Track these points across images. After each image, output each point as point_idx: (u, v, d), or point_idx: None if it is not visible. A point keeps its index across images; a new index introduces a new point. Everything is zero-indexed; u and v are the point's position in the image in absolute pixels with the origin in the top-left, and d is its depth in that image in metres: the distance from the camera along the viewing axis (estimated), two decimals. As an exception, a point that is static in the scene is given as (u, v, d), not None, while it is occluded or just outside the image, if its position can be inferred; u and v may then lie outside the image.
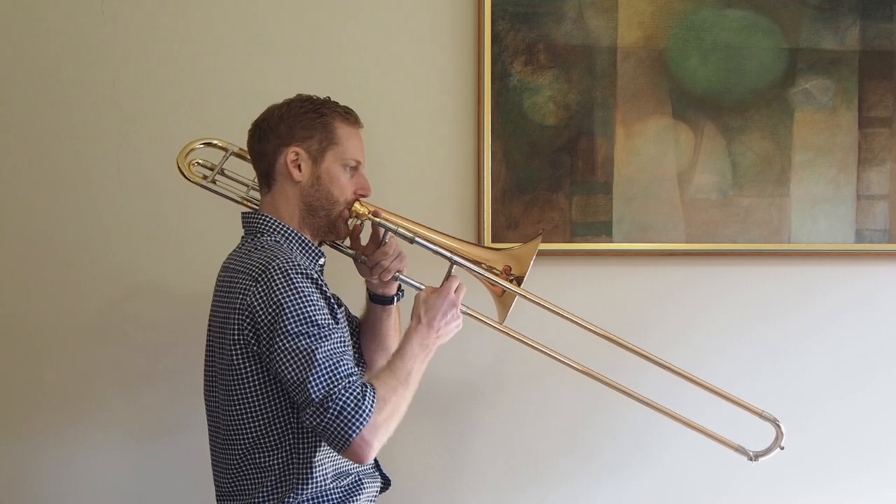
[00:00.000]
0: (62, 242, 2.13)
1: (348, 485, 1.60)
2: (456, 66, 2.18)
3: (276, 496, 1.53)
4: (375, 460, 1.72)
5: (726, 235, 2.26)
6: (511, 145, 2.19)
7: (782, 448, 1.83)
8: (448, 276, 1.66)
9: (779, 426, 1.82)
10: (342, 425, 1.41)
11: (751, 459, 1.86)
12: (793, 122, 2.27)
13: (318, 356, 1.43)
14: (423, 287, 1.66)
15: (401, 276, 1.69)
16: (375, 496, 1.69)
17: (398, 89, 2.18)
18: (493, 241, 2.17)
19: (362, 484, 1.63)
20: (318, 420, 1.42)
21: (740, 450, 1.87)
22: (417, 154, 2.19)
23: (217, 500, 1.63)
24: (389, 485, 1.75)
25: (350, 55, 2.16)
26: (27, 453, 2.14)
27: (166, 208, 2.13)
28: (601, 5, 2.20)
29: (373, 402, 1.44)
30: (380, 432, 1.44)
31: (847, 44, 2.27)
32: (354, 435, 1.41)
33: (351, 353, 1.55)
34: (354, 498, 1.60)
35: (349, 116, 1.66)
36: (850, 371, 2.33)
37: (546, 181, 2.20)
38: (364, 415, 1.42)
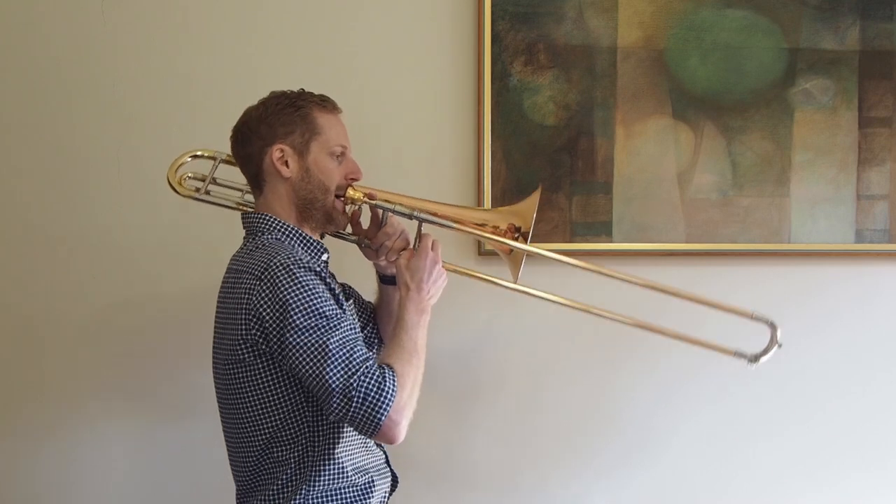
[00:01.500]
0: (62, 242, 2.13)
1: (361, 485, 1.59)
2: (456, 66, 2.18)
3: (289, 488, 1.52)
4: (386, 454, 1.71)
5: (726, 235, 2.26)
6: (511, 145, 2.19)
7: (780, 346, 1.78)
8: (419, 235, 1.65)
9: (773, 325, 1.77)
10: (369, 411, 1.41)
11: (751, 362, 1.80)
12: (793, 122, 2.26)
13: (331, 347, 1.43)
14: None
15: None
16: (386, 495, 1.68)
17: (398, 90, 2.18)
18: (493, 240, 2.17)
19: (374, 484, 1.61)
20: (344, 410, 1.42)
21: (738, 353, 1.82)
22: (417, 154, 2.19)
23: (237, 499, 1.61)
24: (398, 483, 1.74)
25: (350, 55, 2.16)
26: (27, 451, 2.14)
27: (166, 208, 2.13)
28: (601, 5, 2.20)
29: (393, 382, 1.44)
30: (406, 410, 1.45)
31: (847, 44, 2.27)
32: (383, 418, 1.41)
33: (362, 339, 1.54)
34: (366, 499, 1.59)
35: (327, 104, 1.64)
36: (850, 371, 2.32)
37: (546, 181, 2.20)
38: (388, 397, 1.42)
